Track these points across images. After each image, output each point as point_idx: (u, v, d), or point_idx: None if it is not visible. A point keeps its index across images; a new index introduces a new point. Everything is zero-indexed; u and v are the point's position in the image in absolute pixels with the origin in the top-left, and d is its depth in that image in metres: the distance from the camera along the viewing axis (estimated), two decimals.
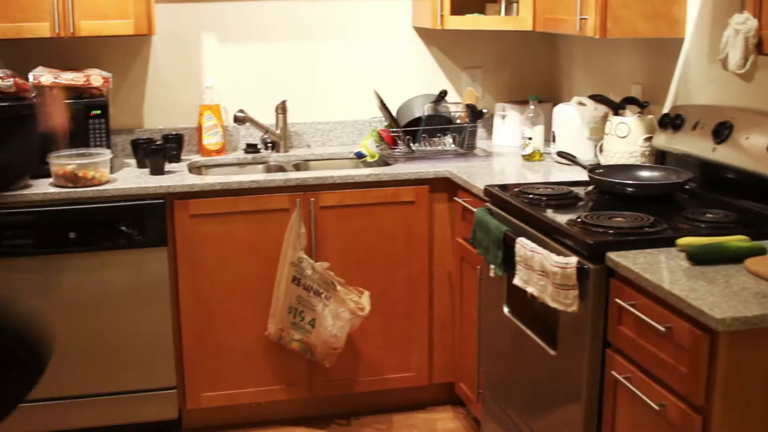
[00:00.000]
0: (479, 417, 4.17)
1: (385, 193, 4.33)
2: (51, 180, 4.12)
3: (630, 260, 2.88)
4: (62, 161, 4.08)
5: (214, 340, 4.30)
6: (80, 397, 4.21)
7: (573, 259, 3.01)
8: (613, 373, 2.96)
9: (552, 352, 3.30)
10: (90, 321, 4.15)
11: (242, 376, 4.38)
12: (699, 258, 2.86)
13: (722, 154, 3.54)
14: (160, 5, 4.62)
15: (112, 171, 4.28)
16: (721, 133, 3.56)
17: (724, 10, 3.62)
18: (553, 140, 4.54)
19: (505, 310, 3.68)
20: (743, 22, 2.95)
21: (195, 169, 4.62)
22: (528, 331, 3.50)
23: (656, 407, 2.71)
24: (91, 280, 4.12)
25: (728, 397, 2.50)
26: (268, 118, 4.87)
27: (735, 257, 2.87)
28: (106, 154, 4.19)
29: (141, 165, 4.48)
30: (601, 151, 4.25)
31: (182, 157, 4.68)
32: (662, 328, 2.65)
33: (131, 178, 4.25)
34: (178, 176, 4.30)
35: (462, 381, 4.46)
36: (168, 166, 4.42)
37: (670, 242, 3.03)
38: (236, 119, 4.73)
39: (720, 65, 3.12)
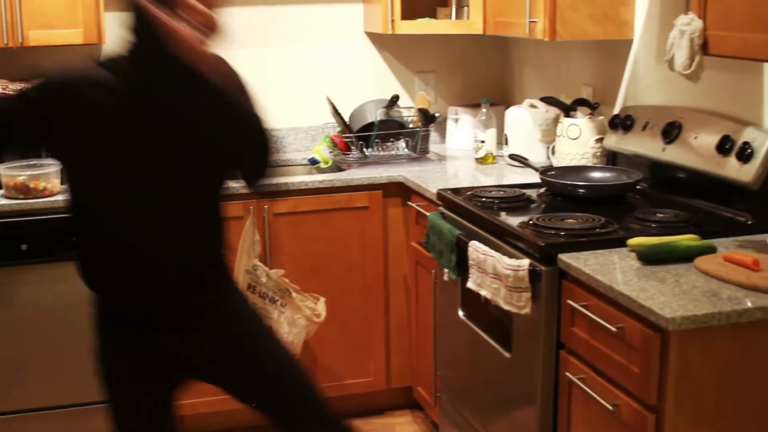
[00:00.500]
0: (437, 421, 4.17)
1: (339, 198, 4.33)
2: (1, 192, 4.08)
3: (581, 261, 2.90)
4: (13, 172, 4.04)
5: None
6: (39, 410, 4.16)
7: (525, 262, 3.02)
8: (567, 374, 2.97)
9: (507, 355, 3.31)
10: (46, 333, 4.11)
11: (200, 386, 4.34)
12: (649, 258, 2.88)
13: (672, 154, 3.57)
14: (110, 14, 4.58)
15: (63, 182, 4.25)
16: (671, 133, 3.59)
17: (670, 11, 3.65)
18: (506, 143, 4.56)
19: (460, 313, 3.69)
20: (688, 23, 2.97)
21: None
22: (483, 334, 3.51)
23: (610, 407, 2.72)
24: (44, 292, 4.08)
25: (680, 396, 2.52)
26: None
27: (685, 256, 2.90)
28: (57, 165, 4.15)
29: None
30: (553, 152, 4.27)
31: None
32: (614, 329, 2.67)
33: None
34: None
35: (420, 385, 4.46)
36: None
37: (621, 243, 3.05)
38: None
39: (667, 66, 3.14)
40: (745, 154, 3.21)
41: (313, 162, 4.75)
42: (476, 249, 3.28)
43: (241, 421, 4.44)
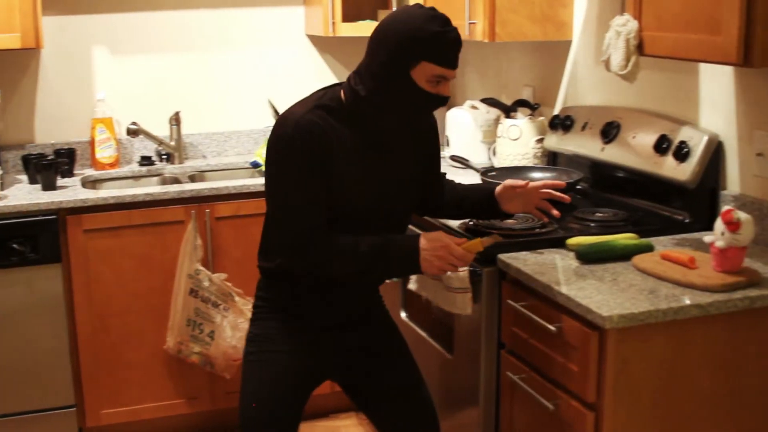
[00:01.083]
0: None
1: None
2: None
3: (521, 262, 2.91)
4: None
5: (113, 356, 4.24)
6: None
7: None
8: (508, 374, 2.99)
9: (449, 356, 3.32)
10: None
11: (142, 392, 4.33)
12: (588, 257, 2.90)
13: (611, 154, 3.59)
14: (47, 18, 4.55)
15: (2, 188, 4.21)
16: (609, 132, 3.62)
17: (607, 12, 3.68)
18: (447, 144, 4.57)
19: (403, 315, 3.70)
20: (624, 24, 2.99)
21: (88, 183, 4.56)
22: (425, 336, 3.52)
23: (550, 406, 2.74)
24: None
25: (618, 393, 2.55)
26: (162, 130, 4.82)
27: (623, 255, 2.93)
28: None
29: (32, 181, 4.40)
30: (494, 153, 4.29)
31: (75, 172, 4.61)
32: (553, 328, 2.69)
33: (22, 195, 4.17)
34: (70, 191, 4.23)
35: None
36: (60, 181, 4.36)
37: (560, 242, 3.07)
38: (129, 132, 4.67)
39: (604, 66, 3.17)
40: (681, 153, 3.24)
41: (255, 165, 4.73)
42: None
43: (157, 429, 4.44)
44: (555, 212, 3.01)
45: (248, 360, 2.91)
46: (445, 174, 3.11)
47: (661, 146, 3.33)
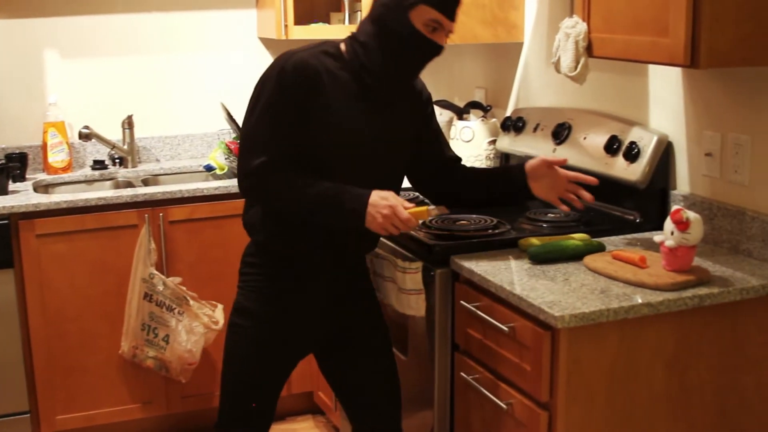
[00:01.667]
0: (338, 425, 4.18)
1: (235, 205, 4.30)
2: None
3: (473, 263, 2.93)
4: None
5: (67, 361, 4.22)
6: None
7: (418, 264, 3.04)
8: (462, 374, 3.00)
9: (403, 358, 3.33)
10: None
11: (98, 397, 4.31)
12: (540, 257, 2.92)
13: (562, 155, 3.61)
14: None
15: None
16: (561, 134, 3.65)
17: (557, 14, 3.71)
18: None
19: None
20: (573, 26, 3.02)
21: (41, 187, 4.53)
22: None
23: (504, 406, 2.76)
24: None
25: (571, 392, 2.57)
26: (115, 134, 4.80)
27: (575, 255, 2.95)
28: None
29: None
30: None
31: (27, 176, 4.57)
32: (505, 328, 2.70)
33: None
34: (22, 196, 4.20)
35: (320, 390, 4.46)
36: (12, 186, 4.33)
37: (513, 243, 3.09)
38: (81, 136, 4.64)
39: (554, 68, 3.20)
40: (632, 154, 3.27)
41: (209, 169, 4.72)
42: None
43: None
44: (579, 204, 3.07)
45: (231, 330, 3.00)
46: (459, 159, 3.19)
47: (612, 147, 3.36)
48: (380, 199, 2.70)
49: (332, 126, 2.75)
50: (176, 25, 4.92)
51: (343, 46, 2.83)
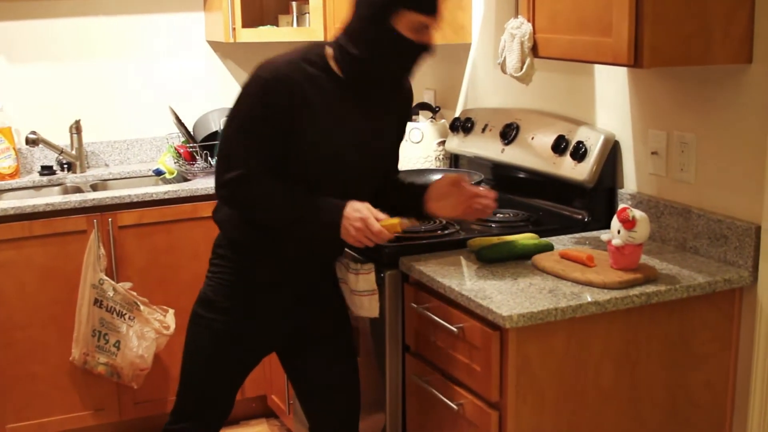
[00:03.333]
0: (292, 428, 4.17)
1: (185, 209, 4.29)
2: None
3: (422, 264, 2.94)
4: None
5: (17, 370, 4.18)
6: None
7: (370, 265, 3.04)
8: (413, 376, 3.01)
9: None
10: None
11: (49, 404, 4.27)
12: (488, 258, 2.93)
13: (511, 155, 3.63)
14: None
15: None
16: (509, 134, 3.66)
17: (503, 15, 3.72)
18: None
19: None
20: (518, 27, 3.03)
21: None
22: None
23: (455, 407, 2.77)
24: None
25: (520, 391, 2.58)
26: (63, 139, 4.76)
27: (523, 255, 2.96)
28: None
29: None
30: None
31: None
32: (455, 329, 2.71)
33: None
34: None
35: (273, 393, 4.45)
36: None
37: (462, 244, 3.10)
38: (28, 141, 4.60)
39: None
40: (579, 153, 3.29)
41: (158, 173, 4.70)
42: None
43: None
44: (486, 215, 3.02)
45: (194, 321, 3.01)
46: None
47: (559, 146, 3.38)
48: (353, 211, 2.70)
49: (316, 138, 2.74)
50: (124, 29, 4.89)
51: (329, 51, 2.80)
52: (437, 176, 3.76)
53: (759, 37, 2.71)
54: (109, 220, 4.18)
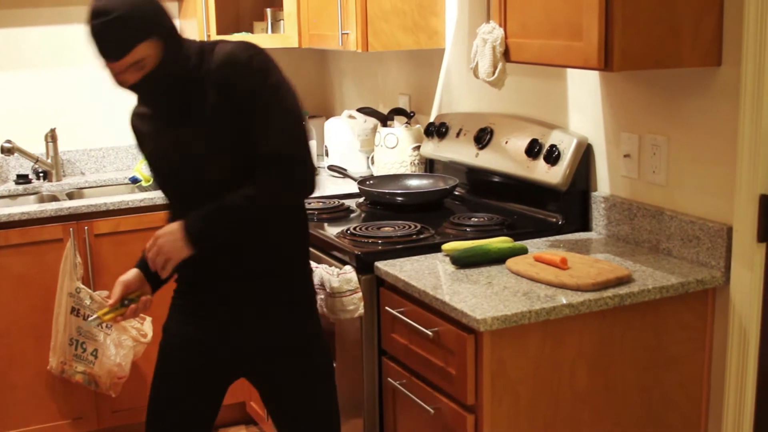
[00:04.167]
0: None
1: (161, 217, 4.24)
2: None
3: (397, 268, 2.95)
4: None
5: None
6: None
7: (349, 267, 3.05)
8: (390, 380, 3.02)
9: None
10: None
11: (27, 414, 4.26)
12: (463, 261, 2.94)
13: (485, 159, 3.65)
14: None
15: None
16: (483, 138, 3.67)
17: (476, 20, 3.73)
18: (326, 154, 4.60)
19: None
20: (490, 32, 3.04)
21: None
22: None
23: (431, 410, 2.77)
24: None
25: (496, 394, 2.59)
26: (38, 147, 4.75)
27: (497, 258, 2.97)
28: None
29: None
30: (372, 162, 4.33)
31: None
32: (429, 333, 2.72)
33: None
34: None
35: (252, 400, 4.45)
36: None
37: (437, 248, 3.11)
38: (3, 150, 4.59)
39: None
40: (552, 157, 3.31)
41: (134, 180, 4.70)
42: None
43: None
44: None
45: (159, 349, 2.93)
46: (274, 158, 2.63)
47: (533, 150, 3.39)
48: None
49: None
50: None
51: None
52: (413, 182, 3.81)
53: (728, 40, 2.73)
54: (86, 228, 4.18)
